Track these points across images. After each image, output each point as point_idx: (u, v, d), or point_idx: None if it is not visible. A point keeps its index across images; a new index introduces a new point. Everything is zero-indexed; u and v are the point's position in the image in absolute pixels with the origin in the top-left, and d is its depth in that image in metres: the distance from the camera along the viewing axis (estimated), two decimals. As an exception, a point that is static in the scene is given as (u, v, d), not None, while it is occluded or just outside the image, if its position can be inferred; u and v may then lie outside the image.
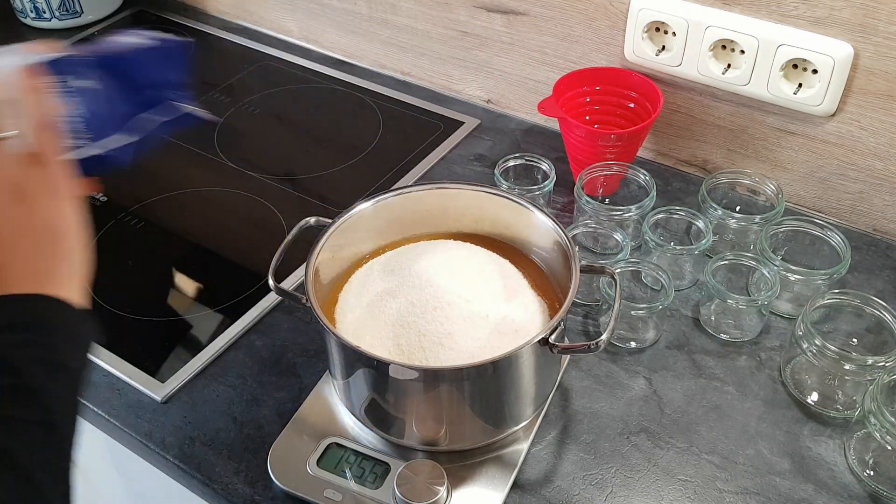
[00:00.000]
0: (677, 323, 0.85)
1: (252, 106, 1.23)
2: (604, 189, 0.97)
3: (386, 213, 0.78)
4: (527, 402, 0.70)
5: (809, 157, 0.94)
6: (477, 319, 0.69)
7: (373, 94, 1.23)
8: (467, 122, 1.16)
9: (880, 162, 0.89)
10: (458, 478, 0.69)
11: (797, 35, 0.85)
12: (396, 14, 1.18)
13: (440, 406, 0.67)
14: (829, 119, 0.89)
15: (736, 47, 0.90)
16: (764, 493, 0.70)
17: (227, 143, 1.15)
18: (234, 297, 0.89)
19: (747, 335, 0.83)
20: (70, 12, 1.43)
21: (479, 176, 1.06)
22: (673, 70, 0.96)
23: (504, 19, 1.07)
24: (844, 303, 0.77)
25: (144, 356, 0.83)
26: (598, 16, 0.98)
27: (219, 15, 1.45)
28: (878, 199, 0.92)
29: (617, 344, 0.83)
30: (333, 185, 1.07)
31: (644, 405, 0.77)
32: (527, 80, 1.12)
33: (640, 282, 0.88)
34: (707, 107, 0.98)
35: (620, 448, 0.74)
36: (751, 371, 0.80)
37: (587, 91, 1.00)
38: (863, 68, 0.84)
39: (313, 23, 1.31)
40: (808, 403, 0.77)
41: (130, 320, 0.89)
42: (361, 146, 1.13)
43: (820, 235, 0.85)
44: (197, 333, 0.86)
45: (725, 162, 1.01)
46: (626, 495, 0.70)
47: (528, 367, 0.66)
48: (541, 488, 0.71)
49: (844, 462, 0.72)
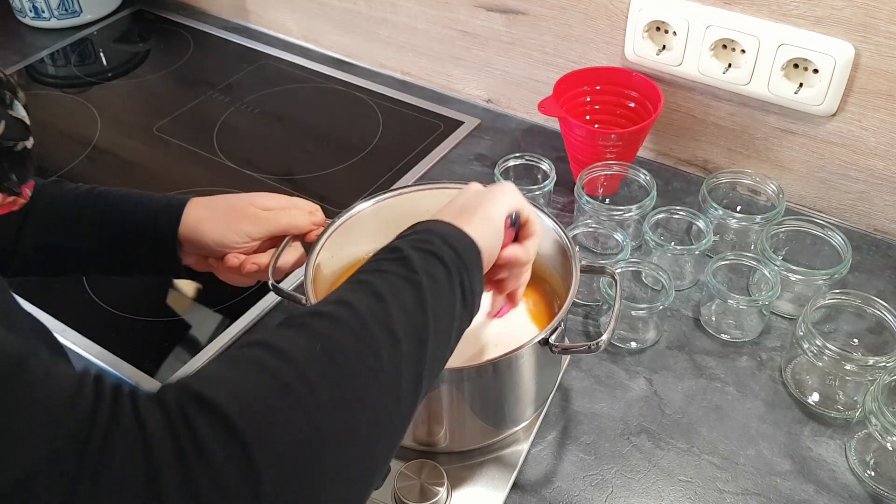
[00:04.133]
0: (678, 323, 0.85)
1: (251, 105, 1.22)
2: (604, 189, 0.97)
3: (386, 213, 0.77)
4: (527, 403, 0.70)
5: (810, 157, 0.94)
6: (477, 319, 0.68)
7: (372, 94, 1.23)
8: (467, 122, 1.16)
9: (881, 162, 0.89)
10: (457, 478, 0.69)
11: (798, 34, 0.85)
12: (396, 13, 1.18)
13: (440, 407, 0.66)
14: (830, 119, 0.89)
15: (737, 47, 0.90)
16: (765, 493, 0.70)
17: (226, 143, 1.15)
18: (233, 298, 0.89)
19: (748, 335, 0.83)
20: (69, 12, 1.43)
21: (480, 176, 1.06)
22: (673, 69, 0.96)
23: (504, 19, 1.07)
24: (845, 303, 0.77)
25: (144, 356, 0.83)
26: (599, 15, 0.98)
27: (218, 14, 1.45)
28: (878, 199, 0.92)
29: (617, 344, 0.82)
30: (333, 184, 1.07)
31: (644, 406, 0.77)
32: (527, 80, 1.11)
33: (640, 282, 0.87)
34: (708, 106, 0.98)
35: (621, 449, 0.73)
36: (751, 371, 0.80)
37: (587, 91, 1.00)
38: (864, 68, 0.84)
39: (313, 22, 1.31)
40: (809, 404, 0.76)
41: (130, 320, 0.88)
42: (361, 146, 1.13)
43: (821, 235, 0.85)
44: (196, 333, 0.86)
45: (726, 162, 1.01)
46: (626, 496, 0.70)
47: (528, 368, 0.66)
48: (541, 489, 0.71)
49: (845, 463, 0.72)
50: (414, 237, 0.53)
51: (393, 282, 0.48)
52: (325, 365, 0.42)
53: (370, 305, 0.46)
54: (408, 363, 0.45)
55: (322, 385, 0.40)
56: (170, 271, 0.74)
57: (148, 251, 0.70)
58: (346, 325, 0.44)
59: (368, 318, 0.45)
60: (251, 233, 0.71)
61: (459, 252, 0.53)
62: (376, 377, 0.43)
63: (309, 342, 0.42)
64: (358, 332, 0.44)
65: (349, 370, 0.42)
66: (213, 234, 0.70)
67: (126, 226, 0.70)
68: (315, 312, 0.45)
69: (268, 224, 0.72)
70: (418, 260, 0.50)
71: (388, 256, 0.51)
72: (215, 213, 0.71)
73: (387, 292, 0.47)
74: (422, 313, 0.48)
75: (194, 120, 1.20)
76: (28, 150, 0.49)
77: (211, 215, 0.71)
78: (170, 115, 1.21)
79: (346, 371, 0.42)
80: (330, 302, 0.47)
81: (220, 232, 0.70)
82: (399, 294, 0.48)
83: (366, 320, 0.45)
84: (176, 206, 0.71)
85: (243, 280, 0.74)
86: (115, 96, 1.28)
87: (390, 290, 0.48)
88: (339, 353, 0.42)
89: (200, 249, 0.71)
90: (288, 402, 0.39)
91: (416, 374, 0.46)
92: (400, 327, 0.46)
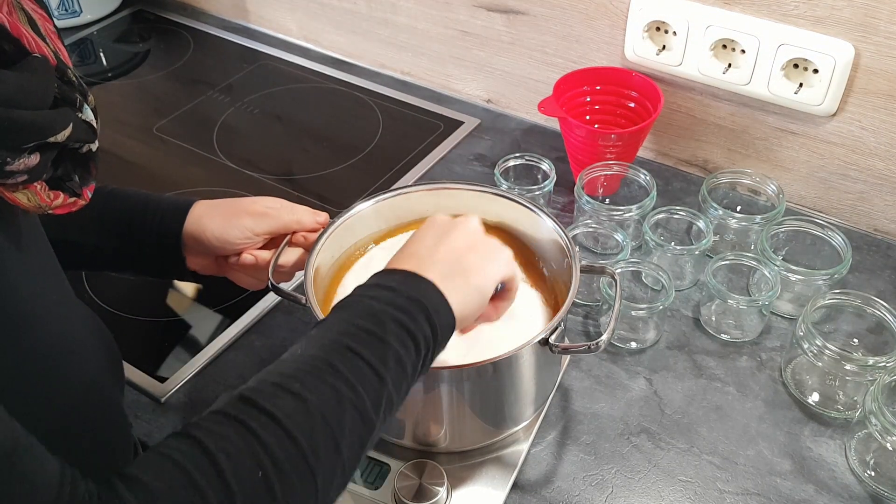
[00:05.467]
0: (678, 323, 0.85)
1: (251, 105, 1.22)
2: (604, 189, 0.97)
3: (386, 213, 0.77)
4: (527, 403, 0.70)
5: (810, 157, 0.94)
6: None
7: (372, 94, 1.23)
8: (467, 122, 1.16)
9: (881, 162, 0.89)
10: (457, 478, 0.69)
11: (798, 34, 0.85)
12: (396, 13, 1.18)
13: (440, 406, 0.66)
14: (830, 119, 0.89)
15: (737, 47, 0.90)
16: (765, 493, 0.70)
17: (226, 143, 1.15)
18: (233, 298, 0.89)
19: (748, 335, 0.83)
20: (69, 12, 1.43)
21: (479, 176, 1.06)
22: (673, 69, 0.96)
23: (504, 19, 1.07)
24: (845, 303, 0.77)
25: (144, 356, 0.83)
26: (599, 15, 0.98)
27: (218, 14, 1.45)
28: (878, 200, 0.92)
29: (617, 344, 0.82)
30: (333, 184, 1.07)
31: (644, 406, 0.77)
32: (527, 80, 1.11)
33: (640, 282, 0.87)
34: (708, 106, 0.98)
35: (621, 449, 0.73)
36: (751, 371, 0.80)
37: (587, 91, 1.00)
38: (864, 68, 0.84)
39: (313, 22, 1.31)
40: (809, 404, 0.76)
41: (130, 320, 0.88)
42: (361, 146, 1.13)
43: (821, 235, 0.85)
44: (196, 334, 0.86)
45: (726, 162, 1.01)
46: (626, 496, 0.70)
47: (528, 368, 0.66)
48: (541, 489, 0.71)
49: (845, 463, 0.72)
50: (402, 305, 0.52)
51: (361, 373, 0.49)
52: (259, 496, 0.42)
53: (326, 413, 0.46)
54: (342, 472, 0.47)
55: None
56: (174, 272, 0.74)
57: (153, 249, 0.71)
58: (294, 442, 0.44)
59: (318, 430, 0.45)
60: (253, 228, 0.71)
61: (437, 331, 0.53)
62: (306, 500, 0.45)
63: (252, 463, 0.43)
64: (303, 450, 0.44)
65: (280, 502, 0.43)
66: (215, 230, 0.70)
67: (133, 223, 0.70)
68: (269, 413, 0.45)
69: (270, 220, 0.72)
70: (395, 346, 0.50)
71: (369, 330, 0.51)
72: (218, 210, 0.71)
73: (349, 390, 0.47)
74: (376, 414, 0.49)
75: (194, 120, 1.20)
76: (93, 152, 0.50)
77: (213, 211, 0.71)
78: (170, 116, 1.21)
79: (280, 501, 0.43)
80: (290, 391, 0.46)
81: (222, 227, 0.70)
82: (362, 390, 0.48)
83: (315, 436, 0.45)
84: (183, 206, 0.71)
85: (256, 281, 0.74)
86: (115, 96, 1.28)
87: (354, 386, 0.48)
88: (277, 482, 0.43)
89: (203, 247, 0.71)
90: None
91: (345, 480, 0.48)
92: (346, 440, 0.47)
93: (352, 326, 0.51)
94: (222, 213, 0.71)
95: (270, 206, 0.73)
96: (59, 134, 0.44)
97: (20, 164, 0.42)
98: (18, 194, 0.44)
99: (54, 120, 0.43)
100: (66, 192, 0.48)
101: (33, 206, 0.45)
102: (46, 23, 0.47)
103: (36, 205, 0.45)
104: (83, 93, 0.47)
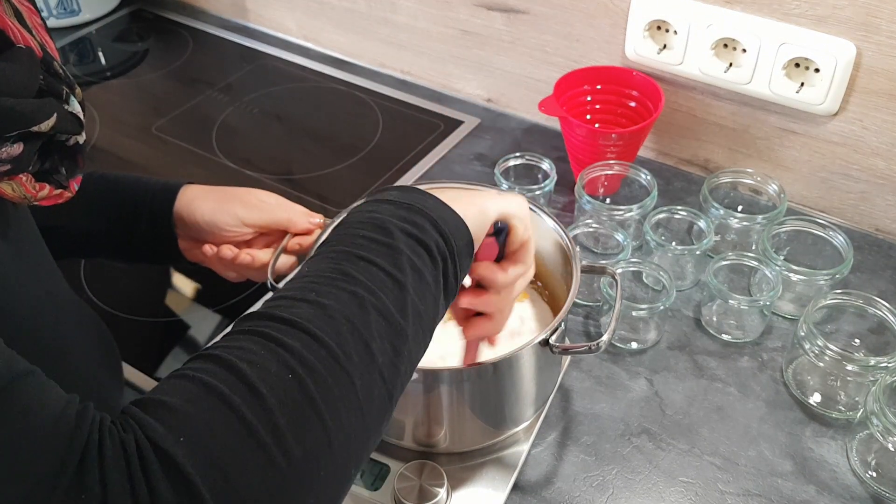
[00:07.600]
0: (679, 323, 0.85)
1: (251, 105, 1.22)
2: (605, 189, 0.97)
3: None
4: (527, 404, 0.70)
5: (812, 157, 0.93)
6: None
7: (372, 93, 1.23)
8: (467, 122, 1.15)
9: (883, 161, 0.89)
10: (457, 479, 0.69)
11: (799, 34, 0.85)
12: (396, 13, 1.17)
13: (440, 407, 0.66)
14: (832, 118, 0.89)
15: (738, 46, 0.89)
16: (766, 494, 0.69)
17: (225, 142, 1.15)
18: (232, 297, 0.89)
19: (749, 336, 0.83)
20: (67, 11, 1.42)
21: (480, 175, 1.06)
22: (674, 69, 0.95)
23: (504, 18, 1.07)
24: (847, 303, 0.77)
25: (143, 356, 0.83)
26: (599, 14, 0.98)
27: (217, 13, 1.44)
28: (880, 199, 0.91)
29: (618, 345, 0.82)
30: (333, 184, 1.06)
31: (645, 406, 0.77)
32: (527, 79, 1.11)
33: (641, 282, 0.87)
34: (709, 106, 0.97)
35: (621, 449, 0.73)
36: (752, 372, 0.80)
37: (588, 90, 1.00)
38: (865, 67, 0.84)
39: (312, 21, 1.30)
40: (811, 404, 0.76)
41: (129, 320, 0.88)
42: (361, 145, 1.13)
43: (822, 235, 0.85)
44: (195, 334, 0.86)
45: (727, 161, 1.00)
46: (627, 497, 0.70)
47: (528, 369, 0.66)
48: (541, 490, 0.70)
49: (847, 463, 0.72)
50: (404, 215, 0.50)
51: (378, 279, 0.46)
52: (295, 400, 0.40)
53: (349, 315, 0.44)
54: (381, 380, 0.44)
55: (291, 430, 0.39)
56: (167, 255, 0.73)
57: (144, 231, 0.70)
58: (322, 343, 0.42)
59: (345, 332, 0.43)
60: (243, 217, 0.70)
61: (449, 240, 0.51)
62: (349, 407, 0.42)
63: (280, 367, 0.40)
64: (334, 352, 0.42)
65: (320, 405, 0.40)
66: (205, 213, 0.70)
67: (124, 205, 0.70)
68: (288, 320, 0.43)
69: (261, 212, 0.71)
70: (407, 252, 0.48)
71: (376, 238, 0.48)
72: (211, 193, 0.71)
73: (369, 294, 0.45)
74: (403, 319, 0.46)
75: (193, 119, 1.20)
76: (80, 144, 0.49)
77: (206, 195, 0.71)
78: (169, 115, 1.21)
79: (317, 407, 0.40)
80: (305, 300, 0.44)
81: (212, 210, 0.70)
82: (382, 295, 0.46)
83: (342, 337, 0.43)
84: (173, 187, 0.71)
85: (237, 274, 0.73)
86: (114, 96, 1.28)
87: (373, 290, 0.45)
88: (311, 383, 0.40)
89: (192, 231, 0.70)
90: (252, 450, 0.38)
91: (387, 392, 0.44)
92: (377, 343, 0.44)
93: (357, 238, 0.49)
94: (216, 197, 0.71)
95: (264, 199, 0.73)
96: (42, 123, 0.43)
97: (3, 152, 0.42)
98: (3, 185, 0.43)
99: (38, 109, 0.43)
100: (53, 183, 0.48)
101: (18, 196, 0.45)
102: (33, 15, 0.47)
103: (21, 195, 0.45)
104: (70, 85, 0.47)
